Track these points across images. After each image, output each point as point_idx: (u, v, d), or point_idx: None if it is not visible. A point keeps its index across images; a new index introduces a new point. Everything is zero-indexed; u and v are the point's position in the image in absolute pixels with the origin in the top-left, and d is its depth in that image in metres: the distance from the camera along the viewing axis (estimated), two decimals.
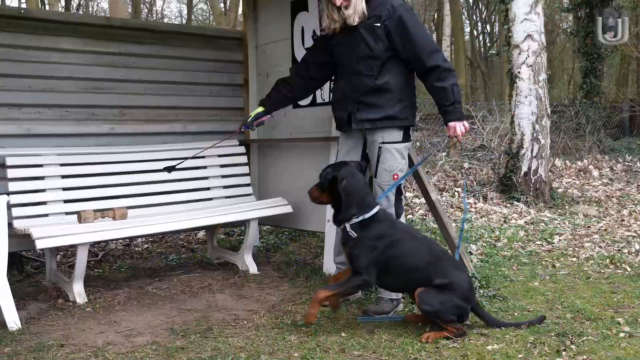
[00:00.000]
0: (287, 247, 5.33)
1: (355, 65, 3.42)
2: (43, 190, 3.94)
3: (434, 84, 3.31)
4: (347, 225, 3.10)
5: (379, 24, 3.30)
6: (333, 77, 3.75)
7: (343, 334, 3.09)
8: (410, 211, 6.60)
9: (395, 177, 3.40)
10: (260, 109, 3.81)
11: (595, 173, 9.63)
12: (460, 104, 3.34)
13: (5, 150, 3.92)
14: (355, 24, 3.34)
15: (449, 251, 3.90)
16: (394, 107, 3.36)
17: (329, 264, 4.10)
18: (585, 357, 2.75)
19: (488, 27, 26.23)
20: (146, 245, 5.58)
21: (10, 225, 3.51)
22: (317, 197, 3.28)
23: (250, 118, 3.82)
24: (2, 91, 4.06)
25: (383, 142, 3.39)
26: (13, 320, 3.28)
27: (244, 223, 4.64)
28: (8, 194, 3.70)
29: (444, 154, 9.84)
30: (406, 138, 3.44)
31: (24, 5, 17.37)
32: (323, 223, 4.32)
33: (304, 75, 3.73)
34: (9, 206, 3.44)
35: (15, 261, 4.33)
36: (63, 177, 4.05)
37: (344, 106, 3.51)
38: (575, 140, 11.75)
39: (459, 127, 3.33)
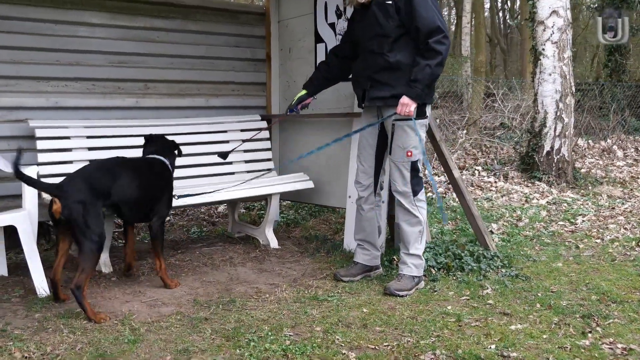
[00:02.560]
0: (307, 222, 5.36)
1: (369, 43, 3.42)
2: (70, 162, 3.99)
3: (416, 57, 3.28)
4: None
5: (390, 2, 3.28)
6: None
7: (365, 310, 3.13)
8: (429, 189, 6.58)
9: (409, 154, 3.39)
10: (303, 92, 3.82)
11: (620, 153, 9.50)
12: (424, 86, 3.24)
13: (34, 122, 3.99)
14: (362, 0, 3.36)
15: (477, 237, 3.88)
16: (405, 85, 3.32)
17: (350, 240, 4.13)
18: (611, 339, 2.73)
19: (509, 2, 25.72)
20: (168, 218, 5.66)
21: (39, 195, 3.59)
22: None
23: (294, 101, 3.82)
24: (31, 65, 4.12)
25: (396, 120, 3.39)
26: (42, 287, 3.37)
27: (265, 198, 4.68)
28: (37, 164, 3.79)
29: (464, 131, 9.77)
30: (420, 115, 3.40)
31: None
32: (344, 199, 4.34)
33: (339, 55, 3.75)
34: (38, 177, 3.51)
35: (43, 231, 4.42)
36: (90, 149, 4.10)
37: (359, 83, 3.54)
38: (598, 119, 11.58)
39: (407, 106, 3.27)
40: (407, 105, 3.28)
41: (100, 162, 3.46)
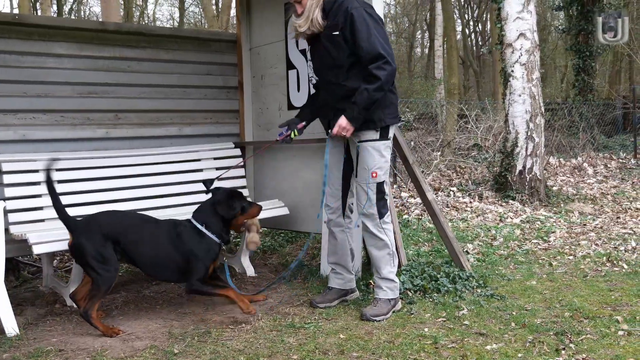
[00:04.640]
0: (283, 249, 5.33)
1: (326, 74, 3.46)
2: (39, 196, 3.90)
3: (361, 82, 3.31)
4: None
5: (337, 32, 3.30)
6: None
7: (342, 336, 3.10)
8: (405, 211, 6.61)
9: (374, 175, 3.40)
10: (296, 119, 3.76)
11: (590, 170, 9.67)
12: (360, 109, 3.26)
13: (1, 156, 3.91)
14: (308, 33, 3.38)
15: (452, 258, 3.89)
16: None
17: (326, 265, 4.11)
18: (584, 355, 2.75)
19: (480, 25, 26.30)
20: None
21: (6, 230, 3.52)
22: None
23: (284, 122, 3.75)
24: None
25: (360, 141, 3.41)
26: (11, 327, 3.27)
27: None
28: (4, 199, 3.69)
29: (439, 153, 9.87)
30: (384, 136, 3.42)
31: (16, 11, 17.31)
32: (320, 224, 4.32)
33: (318, 87, 3.74)
34: (6, 212, 3.43)
35: (12, 267, 4.33)
36: (59, 182, 4.03)
37: (324, 113, 3.58)
38: (569, 138, 11.82)
39: (341, 127, 3.32)
40: (344, 128, 3.32)
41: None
